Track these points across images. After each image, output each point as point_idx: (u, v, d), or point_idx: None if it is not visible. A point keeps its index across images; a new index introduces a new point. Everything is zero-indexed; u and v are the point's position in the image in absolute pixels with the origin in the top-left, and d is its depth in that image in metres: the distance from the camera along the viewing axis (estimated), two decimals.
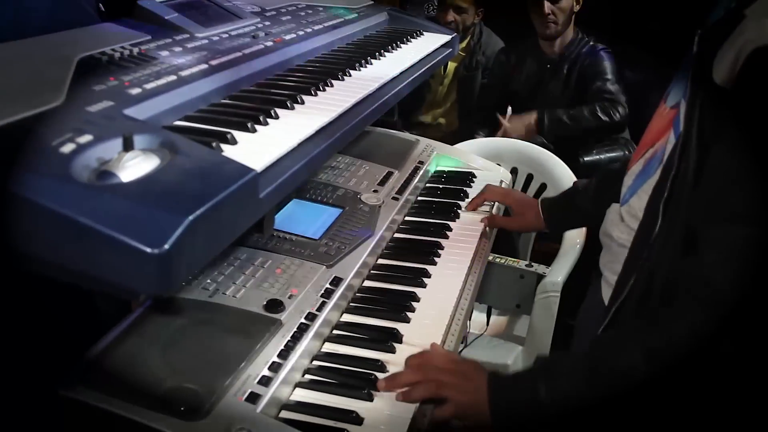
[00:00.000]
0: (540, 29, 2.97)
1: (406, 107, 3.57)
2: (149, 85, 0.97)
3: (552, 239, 2.37)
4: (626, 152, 2.92)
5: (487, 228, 1.63)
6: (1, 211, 0.68)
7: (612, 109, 2.82)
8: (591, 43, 3.01)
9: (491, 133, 3.03)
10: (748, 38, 0.89)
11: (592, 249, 2.01)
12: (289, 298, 1.18)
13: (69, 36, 1.15)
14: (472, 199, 1.73)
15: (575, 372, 1.03)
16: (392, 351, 1.16)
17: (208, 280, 1.19)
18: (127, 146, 0.77)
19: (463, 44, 3.42)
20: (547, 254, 2.34)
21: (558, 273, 2.09)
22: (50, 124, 0.79)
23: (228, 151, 0.87)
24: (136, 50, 1.11)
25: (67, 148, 0.75)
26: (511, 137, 2.87)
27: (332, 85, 1.23)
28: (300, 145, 0.96)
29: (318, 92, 1.17)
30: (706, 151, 0.96)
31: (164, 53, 1.14)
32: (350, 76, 1.32)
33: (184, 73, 1.06)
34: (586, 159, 2.90)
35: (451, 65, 3.49)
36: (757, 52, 0.85)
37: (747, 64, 0.87)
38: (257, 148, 0.90)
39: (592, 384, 1.01)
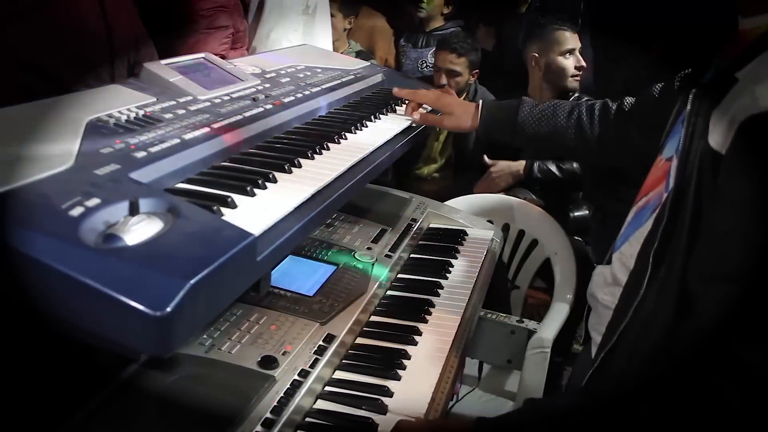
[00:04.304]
0: (570, 84, 3.02)
1: (402, 161, 3.61)
2: (154, 149, 1.02)
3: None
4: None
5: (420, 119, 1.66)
6: (11, 269, 0.71)
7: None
8: None
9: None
10: (741, 104, 0.92)
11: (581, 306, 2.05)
12: (283, 354, 1.20)
13: (79, 98, 1.20)
14: (408, 104, 1.73)
15: (571, 419, 0.99)
16: (383, 410, 1.18)
17: (205, 336, 1.21)
18: (133, 210, 0.81)
19: None
20: (540, 307, 2.36)
21: (548, 329, 2.11)
22: (60, 187, 0.83)
23: (228, 214, 0.91)
24: (141, 113, 1.16)
25: (76, 211, 0.78)
26: (496, 183, 2.94)
27: (328, 149, 1.28)
28: (296, 209, 1.00)
29: (315, 155, 1.21)
30: (701, 210, 0.99)
31: (168, 116, 1.18)
32: (346, 139, 1.37)
33: (187, 136, 1.10)
34: (576, 214, 2.96)
35: None
36: (751, 120, 0.88)
37: (740, 130, 0.90)
38: (256, 212, 0.94)
39: None
